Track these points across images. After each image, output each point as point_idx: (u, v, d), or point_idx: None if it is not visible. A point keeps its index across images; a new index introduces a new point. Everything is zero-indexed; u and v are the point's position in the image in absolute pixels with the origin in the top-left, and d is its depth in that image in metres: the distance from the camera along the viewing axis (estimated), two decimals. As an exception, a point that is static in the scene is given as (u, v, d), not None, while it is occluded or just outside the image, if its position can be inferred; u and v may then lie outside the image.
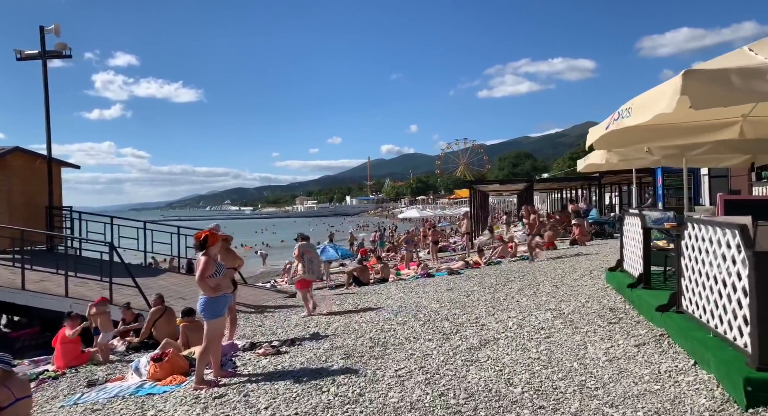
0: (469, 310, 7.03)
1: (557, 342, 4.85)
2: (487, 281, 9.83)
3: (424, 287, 10.25)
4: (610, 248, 13.31)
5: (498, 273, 10.93)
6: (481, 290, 8.74)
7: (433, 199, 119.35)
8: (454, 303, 7.73)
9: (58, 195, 12.91)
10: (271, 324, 8.08)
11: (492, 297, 7.81)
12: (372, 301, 9.17)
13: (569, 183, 24.25)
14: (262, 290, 11.60)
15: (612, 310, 5.76)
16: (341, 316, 7.87)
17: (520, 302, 7.12)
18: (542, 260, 12.00)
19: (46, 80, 12.08)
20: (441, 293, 8.97)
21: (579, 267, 10.07)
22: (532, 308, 6.59)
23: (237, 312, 9.28)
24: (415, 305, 8.07)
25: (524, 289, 8.24)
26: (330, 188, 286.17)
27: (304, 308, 8.65)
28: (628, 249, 6.31)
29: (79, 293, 9.11)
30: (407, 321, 6.77)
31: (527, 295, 7.61)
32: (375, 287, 11.83)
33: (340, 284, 15.23)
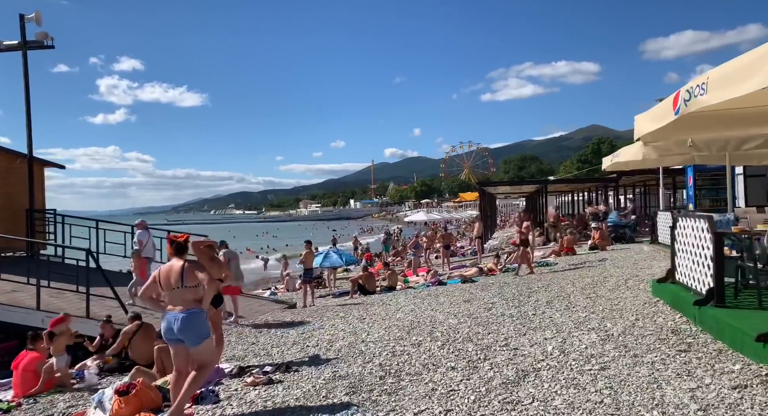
0: (494, 328, 6.04)
1: (618, 377, 3.85)
2: (508, 291, 8.83)
3: (436, 298, 9.26)
4: (637, 253, 12.29)
5: (518, 282, 9.93)
6: (503, 302, 7.75)
7: (437, 202, 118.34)
8: (474, 318, 6.74)
9: (41, 197, 12.01)
10: (266, 342, 7.11)
11: (518, 312, 6.81)
12: (379, 313, 8.19)
13: (584, 185, 23.18)
14: (259, 300, 10.62)
15: (675, 332, 4.75)
16: (345, 333, 6.89)
17: (553, 318, 6.11)
18: (527, 274, 10.91)
19: (27, 72, 11.19)
20: (457, 306, 7.98)
21: (609, 276, 9.06)
22: (571, 326, 5.59)
23: (232, 323, 8.36)
24: (429, 319, 7.09)
25: (553, 302, 7.24)
26: (334, 192, 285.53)
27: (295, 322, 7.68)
28: (686, 257, 5.30)
29: (53, 306, 8.17)
30: (423, 342, 5.79)
31: (559, 310, 6.60)
32: (382, 297, 10.85)
33: (344, 291, 14.28)
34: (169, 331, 4.21)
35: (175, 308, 4.20)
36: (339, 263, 16.00)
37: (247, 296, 10.64)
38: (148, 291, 4.29)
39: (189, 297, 4.29)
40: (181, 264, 4.29)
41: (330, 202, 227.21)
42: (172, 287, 4.21)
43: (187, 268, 4.29)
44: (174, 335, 4.19)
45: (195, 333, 4.28)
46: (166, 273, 4.24)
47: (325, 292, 15.42)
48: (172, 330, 4.18)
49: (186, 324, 4.20)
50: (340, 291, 14.76)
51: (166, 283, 4.20)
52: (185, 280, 4.25)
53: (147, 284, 4.32)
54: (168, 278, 4.21)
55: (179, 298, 4.23)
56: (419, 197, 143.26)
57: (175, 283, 4.22)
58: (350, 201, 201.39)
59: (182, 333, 4.18)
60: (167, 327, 4.20)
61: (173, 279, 4.21)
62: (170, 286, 4.20)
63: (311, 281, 12.31)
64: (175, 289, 4.21)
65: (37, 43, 11.00)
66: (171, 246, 4.37)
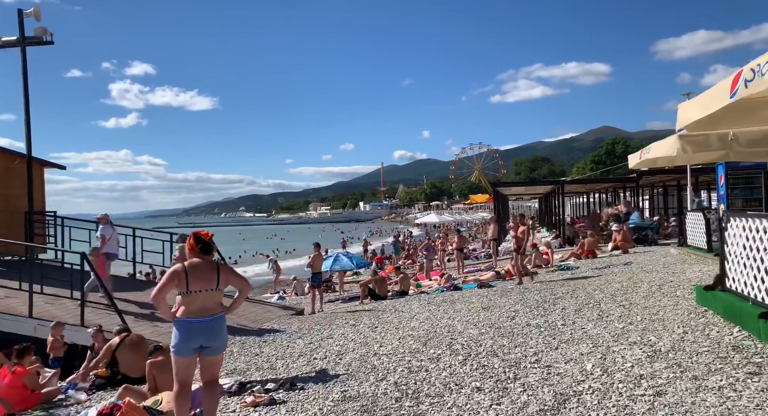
0: (520, 340, 5.45)
1: (681, 406, 3.25)
2: (530, 297, 8.22)
3: (453, 304, 8.68)
4: (664, 256, 11.60)
5: (540, 287, 9.31)
6: (526, 310, 7.15)
7: (447, 204, 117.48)
8: (497, 329, 6.15)
9: (41, 199, 11.62)
10: (271, 352, 6.58)
11: (545, 321, 6.21)
12: (392, 321, 7.63)
13: (602, 185, 22.42)
14: (266, 306, 10.11)
15: (737, 350, 4.14)
16: (356, 344, 6.34)
17: (586, 330, 5.51)
18: (531, 283, 10.11)
19: (26, 69, 10.80)
20: (476, 313, 7.40)
21: (639, 281, 8.42)
22: (608, 339, 4.98)
23: (229, 335, 7.82)
24: (447, 329, 6.51)
25: (583, 310, 6.62)
26: (343, 194, 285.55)
27: (302, 330, 7.16)
28: (741, 262, 4.68)
29: (47, 313, 7.72)
30: (442, 356, 5.22)
31: (591, 319, 5.99)
32: (394, 303, 10.29)
33: (354, 296, 13.74)
34: (192, 339, 3.66)
35: (206, 313, 3.70)
36: (349, 266, 15.49)
37: (252, 302, 10.14)
38: (164, 291, 3.68)
39: (219, 300, 3.86)
40: (213, 264, 3.83)
41: (339, 204, 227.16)
42: (207, 289, 3.71)
43: (222, 269, 3.84)
44: (196, 344, 3.68)
45: (226, 338, 3.89)
46: (200, 272, 3.70)
47: (334, 297, 14.91)
48: (198, 338, 3.66)
49: (221, 327, 3.79)
50: (349, 296, 14.23)
51: (200, 283, 3.68)
52: (220, 282, 3.78)
53: (164, 283, 3.68)
54: (203, 278, 3.70)
55: (212, 301, 3.76)
56: (429, 199, 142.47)
57: (211, 284, 3.73)
58: (359, 204, 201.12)
59: (216, 338, 3.74)
60: (189, 335, 3.64)
61: (207, 280, 3.72)
62: (206, 286, 3.70)
63: (320, 286, 11.80)
64: (208, 291, 3.72)
65: (36, 39, 10.63)
66: (196, 244, 3.82)
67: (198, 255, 3.79)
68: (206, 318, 3.69)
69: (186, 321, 3.65)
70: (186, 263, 3.73)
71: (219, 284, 3.76)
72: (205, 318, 3.69)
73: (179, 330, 3.65)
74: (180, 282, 3.65)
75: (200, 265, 3.74)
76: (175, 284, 3.66)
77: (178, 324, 3.66)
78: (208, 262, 3.81)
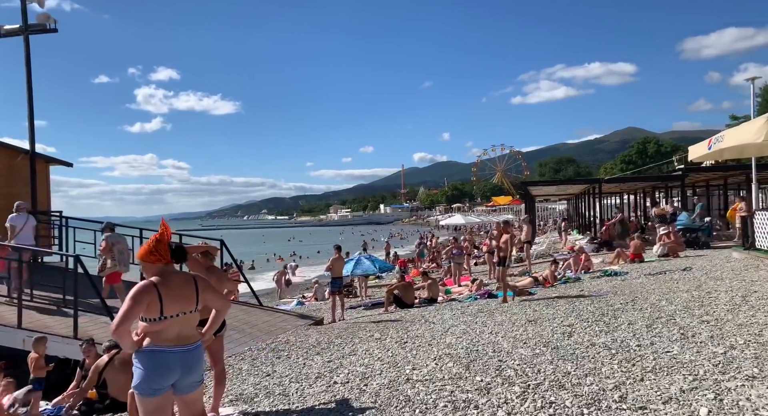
0: (589, 365, 4.38)
1: None
2: (583, 308, 7.12)
3: (491, 315, 7.63)
4: (726, 260, 10.33)
5: (591, 296, 8.18)
6: (583, 324, 6.06)
7: (469, 207, 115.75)
8: (554, 349, 5.09)
9: (45, 198, 10.99)
10: (284, 372, 5.65)
11: (613, 340, 5.12)
12: (424, 336, 6.63)
13: (642, 184, 20.94)
14: (281, 314, 9.20)
15: None
16: (383, 364, 5.35)
17: (673, 354, 4.41)
18: (518, 301, 8.75)
19: (29, 58, 10.18)
20: (522, 327, 6.34)
21: (712, 290, 7.24)
22: (712, 370, 3.88)
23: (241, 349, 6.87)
24: (491, 347, 5.48)
25: (656, 326, 5.50)
26: (364, 197, 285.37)
27: (321, 344, 6.20)
28: None
29: (39, 323, 6.94)
30: (492, 385, 4.19)
31: (674, 339, 4.87)
32: (423, 312, 9.28)
33: (377, 302, 12.77)
34: (166, 374, 2.74)
35: (183, 341, 2.80)
36: (372, 270, 14.50)
37: (267, 310, 9.24)
38: (131, 320, 2.68)
39: (196, 324, 2.97)
40: (190, 278, 2.93)
41: (360, 207, 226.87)
42: (185, 311, 2.80)
43: (199, 283, 2.92)
44: (171, 380, 2.77)
45: (203, 370, 3.02)
46: (176, 291, 2.79)
47: (356, 302, 13.95)
48: (174, 372, 2.76)
49: (200, 358, 2.92)
50: (372, 301, 13.27)
51: (178, 305, 2.77)
52: (199, 300, 2.88)
53: (130, 309, 2.66)
54: (180, 297, 2.79)
55: (190, 326, 2.87)
56: (450, 201, 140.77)
57: (190, 305, 2.83)
58: (380, 206, 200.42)
59: (196, 371, 2.85)
60: (162, 369, 2.73)
61: (185, 300, 2.81)
62: (184, 308, 2.80)
63: (341, 291, 10.86)
64: (186, 314, 2.82)
65: (40, 27, 9.99)
66: (166, 249, 2.87)
67: (169, 267, 2.86)
68: (184, 347, 2.77)
69: (158, 351, 2.72)
70: (156, 280, 2.80)
71: (198, 303, 2.84)
72: (183, 347, 2.76)
73: (148, 362, 2.72)
74: (151, 306, 2.71)
75: (175, 281, 2.82)
76: (144, 308, 2.72)
77: (145, 355, 2.73)
78: (185, 275, 2.89)
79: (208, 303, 3.02)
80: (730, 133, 7.09)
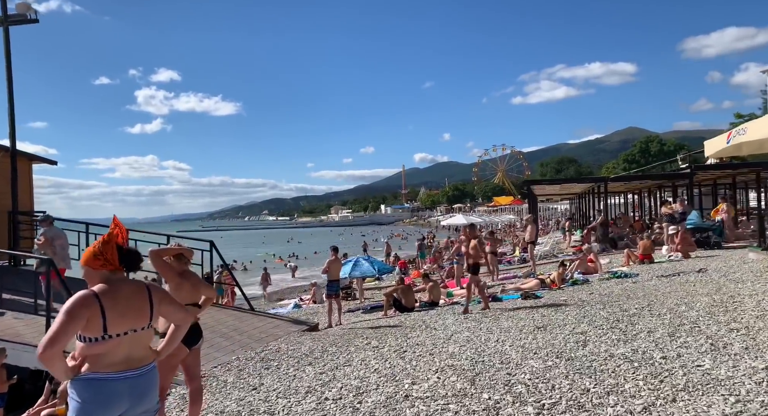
0: (610, 381, 3.90)
1: None
2: (596, 313, 6.63)
3: (497, 321, 7.15)
4: (743, 262, 9.83)
5: (602, 300, 7.70)
6: (598, 332, 5.56)
7: (470, 207, 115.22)
8: (568, 361, 4.60)
9: (28, 197, 10.52)
10: (272, 385, 5.18)
11: (633, 351, 4.63)
12: (425, 344, 6.15)
13: (650, 182, 20.43)
14: (274, 320, 8.72)
15: None
16: (380, 377, 4.87)
17: (706, 368, 3.91)
18: (481, 309, 8.28)
19: (8, 50, 9.69)
20: (531, 335, 5.86)
21: (736, 294, 6.74)
22: (755, 390, 3.39)
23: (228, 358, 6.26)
24: (498, 358, 4.99)
25: (679, 335, 5.01)
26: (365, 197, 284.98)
27: (314, 352, 5.72)
28: None
29: (12, 332, 6.47)
30: (501, 404, 3.71)
31: (703, 351, 4.38)
32: (424, 316, 8.80)
33: (376, 305, 12.29)
34: (111, 406, 2.24)
35: (133, 364, 2.32)
36: (371, 272, 14.04)
37: (259, 315, 8.76)
38: (65, 340, 2.16)
39: (149, 343, 2.47)
40: (143, 288, 2.42)
41: (361, 208, 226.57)
42: (136, 328, 2.32)
43: (154, 293, 2.43)
44: (116, 412, 2.27)
45: (157, 394, 2.47)
46: (124, 303, 2.30)
47: (355, 305, 13.47)
48: (121, 403, 2.27)
49: (153, 383, 2.40)
50: (371, 305, 12.78)
51: (126, 321, 2.28)
52: (154, 314, 2.40)
53: (63, 325, 2.14)
54: (130, 311, 2.31)
55: (141, 346, 2.37)
56: (451, 201, 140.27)
57: (142, 321, 2.34)
58: (381, 207, 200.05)
59: (148, 400, 2.36)
60: (106, 400, 2.23)
61: (136, 314, 2.33)
62: (134, 325, 2.32)
63: (338, 295, 10.38)
64: (137, 332, 2.33)
65: (20, 17, 9.52)
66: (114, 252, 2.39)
67: (117, 274, 2.38)
68: (134, 371, 2.29)
69: (101, 379, 2.23)
70: (99, 289, 2.30)
71: (152, 318, 2.36)
72: (133, 371, 2.28)
73: (87, 393, 2.23)
74: (91, 322, 2.22)
75: (124, 291, 2.33)
76: (82, 325, 2.22)
77: (84, 384, 2.24)
78: (136, 285, 2.40)
79: (166, 317, 2.54)
80: (755, 125, 6.59)
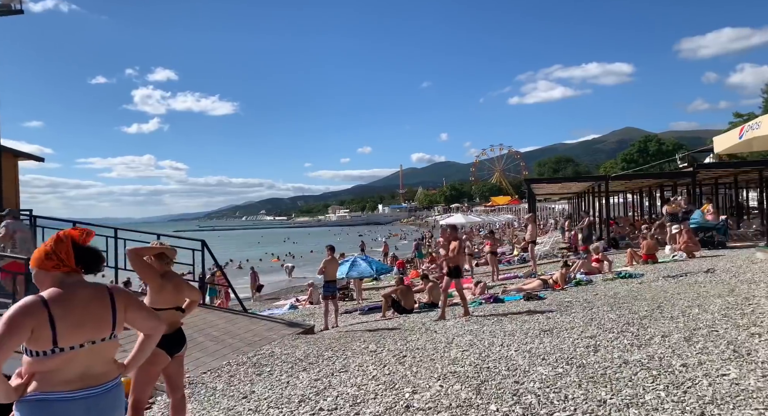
0: (628, 391, 3.60)
1: None
2: (603, 316, 6.34)
3: (500, 323, 6.86)
4: (751, 261, 9.57)
5: (609, 302, 7.40)
6: (609, 336, 5.27)
7: (468, 207, 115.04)
8: (579, 367, 4.30)
9: (13, 195, 10.17)
10: (264, 393, 4.86)
11: (649, 357, 4.33)
12: (425, 348, 5.85)
13: (651, 181, 20.18)
14: (268, 323, 8.40)
15: None
16: (378, 385, 4.56)
17: (731, 378, 3.62)
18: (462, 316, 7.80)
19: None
20: (537, 339, 5.56)
21: (750, 295, 6.46)
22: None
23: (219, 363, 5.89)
24: (504, 364, 4.69)
25: (696, 339, 4.72)
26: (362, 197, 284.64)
27: (309, 357, 5.41)
28: None
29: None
30: (511, 417, 3.40)
31: (726, 358, 4.09)
32: (424, 319, 8.50)
33: (374, 306, 11.98)
34: None
35: (92, 381, 2.00)
36: (368, 272, 13.73)
37: (252, 318, 8.44)
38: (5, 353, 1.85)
39: (113, 355, 2.14)
40: (104, 292, 2.09)
41: (358, 207, 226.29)
42: (94, 339, 2.00)
43: (118, 298, 2.11)
44: None
45: (122, 413, 2.21)
46: (80, 310, 1.98)
47: (352, 306, 13.16)
48: None
49: (118, 401, 2.10)
50: (369, 306, 12.47)
51: (82, 331, 1.97)
52: (117, 322, 2.08)
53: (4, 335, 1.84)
54: (87, 319, 1.99)
55: (102, 359, 2.04)
56: (449, 201, 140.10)
57: (102, 330, 2.03)
58: (379, 206, 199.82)
59: None
60: None
61: (95, 323, 2.01)
62: (93, 335, 2.00)
63: (334, 296, 10.06)
64: (97, 344, 2.00)
65: (5, 8, 9.18)
66: (69, 251, 2.08)
67: (73, 277, 2.06)
68: (93, 390, 1.97)
69: (50, 400, 1.92)
70: (49, 295, 1.98)
71: (115, 327, 2.04)
72: (92, 390, 1.97)
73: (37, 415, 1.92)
74: (38, 333, 1.90)
75: (80, 296, 2.01)
76: (26, 336, 1.90)
77: (30, 407, 1.93)
78: (96, 289, 2.08)
79: (134, 326, 2.23)
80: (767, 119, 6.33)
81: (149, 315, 2.26)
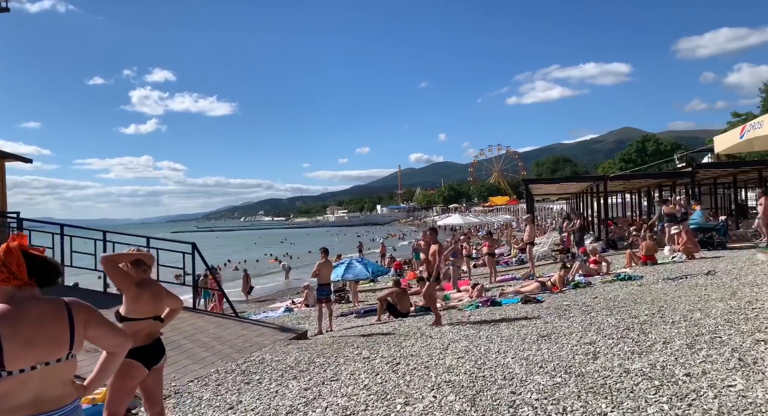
0: (629, 403, 3.42)
1: None
2: (603, 320, 6.17)
3: (497, 328, 6.68)
4: (752, 263, 9.41)
5: (608, 305, 7.23)
6: (608, 342, 5.10)
7: (466, 207, 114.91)
8: (579, 376, 4.13)
9: (1, 197, 9.95)
10: (251, 404, 4.68)
11: (651, 366, 4.16)
12: (420, 355, 5.67)
13: (650, 181, 20.03)
14: (259, 328, 8.21)
15: None
16: (370, 395, 4.39)
17: (738, 388, 3.45)
18: (430, 324, 7.60)
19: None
20: (534, 345, 5.39)
21: (753, 299, 6.30)
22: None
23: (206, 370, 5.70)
24: (500, 372, 4.52)
25: (699, 346, 4.55)
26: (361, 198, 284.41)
27: (300, 364, 5.23)
28: None
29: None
30: (507, 432, 3.22)
31: (731, 367, 3.91)
32: (419, 323, 8.32)
33: (370, 309, 11.80)
34: None
35: (43, 407, 1.82)
36: (364, 274, 13.53)
37: (243, 323, 8.25)
38: None
39: (70, 377, 1.94)
40: (60, 306, 1.91)
41: (357, 208, 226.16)
42: (48, 360, 1.82)
43: (77, 313, 1.92)
44: None
45: None
46: (30, 328, 1.80)
47: (348, 309, 12.98)
48: None
49: None
50: (365, 308, 12.29)
51: (34, 352, 1.79)
52: (75, 341, 1.89)
53: None
54: (39, 338, 1.81)
55: (56, 382, 1.85)
56: (447, 201, 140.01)
57: (57, 351, 1.85)
58: (377, 207, 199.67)
59: None
60: None
61: (49, 342, 1.83)
62: (46, 356, 1.82)
63: (329, 300, 9.88)
64: (50, 365, 1.82)
65: (-10, 7, 8.99)
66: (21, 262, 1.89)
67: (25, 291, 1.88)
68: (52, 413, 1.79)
69: None
70: None
71: (73, 346, 1.86)
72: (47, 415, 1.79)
73: None
74: None
75: (33, 313, 1.83)
76: None
77: None
78: (51, 305, 1.90)
79: (96, 343, 2.04)
80: (770, 118, 6.17)
81: (113, 331, 2.07)
